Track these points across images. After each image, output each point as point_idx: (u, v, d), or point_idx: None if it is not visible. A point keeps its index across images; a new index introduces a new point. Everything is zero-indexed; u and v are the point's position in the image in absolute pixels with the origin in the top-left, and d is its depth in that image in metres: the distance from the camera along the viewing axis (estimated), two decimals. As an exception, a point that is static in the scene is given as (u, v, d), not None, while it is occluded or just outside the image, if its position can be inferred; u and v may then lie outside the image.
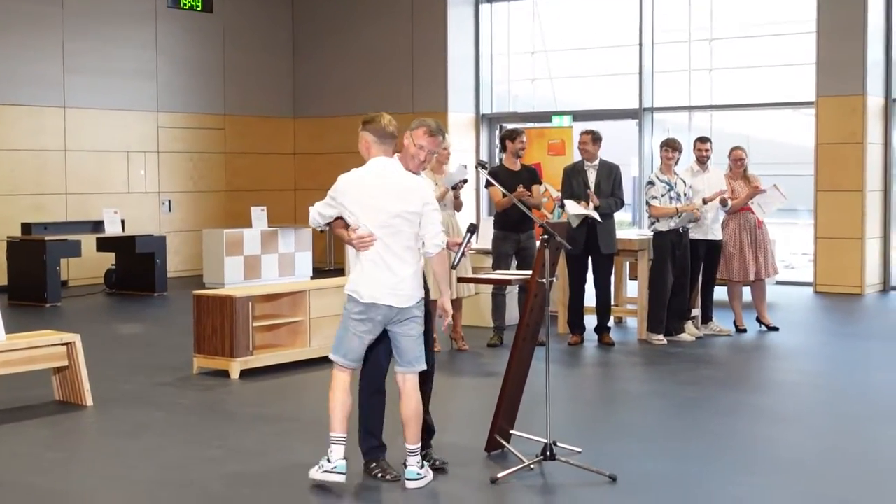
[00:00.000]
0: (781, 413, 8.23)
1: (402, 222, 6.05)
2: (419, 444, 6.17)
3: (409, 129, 6.24)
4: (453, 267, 6.31)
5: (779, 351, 10.94)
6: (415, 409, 6.13)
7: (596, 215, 10.54)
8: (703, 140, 11.56)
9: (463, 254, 6.32)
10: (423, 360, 6.22)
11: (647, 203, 10.97)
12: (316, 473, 6.14)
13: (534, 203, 10.63)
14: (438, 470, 6.36)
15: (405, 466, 6.14)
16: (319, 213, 6.28)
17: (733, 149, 11.76)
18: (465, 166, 10.27)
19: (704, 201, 11.14)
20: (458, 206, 10.29)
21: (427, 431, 6.49)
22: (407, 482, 6.10)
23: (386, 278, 6.07)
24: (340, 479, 6.07)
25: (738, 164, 11.64)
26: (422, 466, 6.15)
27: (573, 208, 10.58)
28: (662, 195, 10.85)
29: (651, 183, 10.99)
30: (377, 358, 6.35)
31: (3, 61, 15.90)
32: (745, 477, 6.39)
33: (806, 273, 16.36)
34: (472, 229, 6.31)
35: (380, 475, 6.25)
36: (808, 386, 9.31)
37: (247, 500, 6.02)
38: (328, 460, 6.11)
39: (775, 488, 6.20)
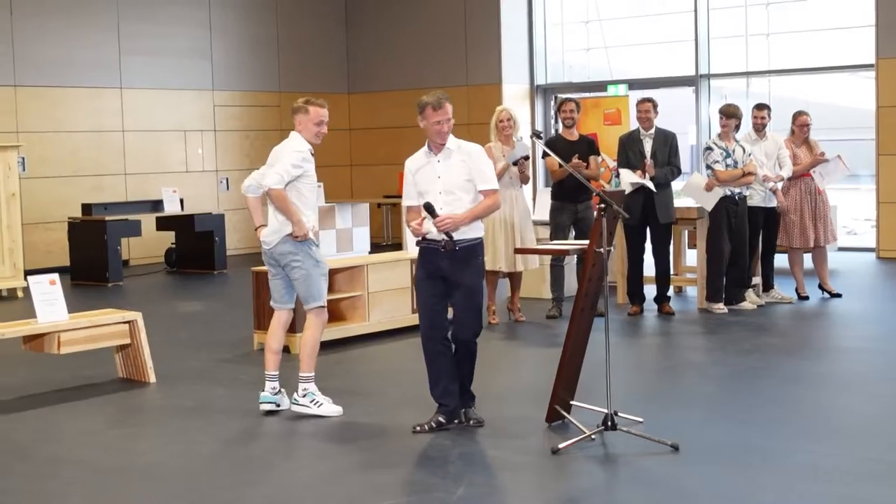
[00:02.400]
0: (845, 380, 8.15)
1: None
2: (309, 374, 7.17)
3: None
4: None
5: (841, 318, 10.82)
6: (304, 340, 7.25)
7: (651, 185, 10.47)
8: (759, 107, 11.41)
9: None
10: (317, 298, 7.26)
11: (710, 168, 10.81)
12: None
13: (591, 174, 10.56)
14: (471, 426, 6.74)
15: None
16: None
17: (798, 114, 11.59)
18: (521, 138, 10.23)
19: (765, 179, 11.04)
20: (524, 179, 10.44)
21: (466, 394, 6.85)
22: (292, 405, 7.18)
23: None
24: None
25: (803, 129, 11.48)
26: (304, 396, 7.12)
27: (628, 177, 10.51)
28: (719, 161, 10.73)
29: (709, 148, 10.86)
30: (438, 318, 6.69)
31: (60, 45, 16.05)
32: (809, 444, 6.33)
33: (868, 239, 16.15)
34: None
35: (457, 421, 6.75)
36: (871, 352, 9.20)
37: (309, 473, 6.06)
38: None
39: (839, 455, 6.13)
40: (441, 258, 6.61)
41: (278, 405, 7.28)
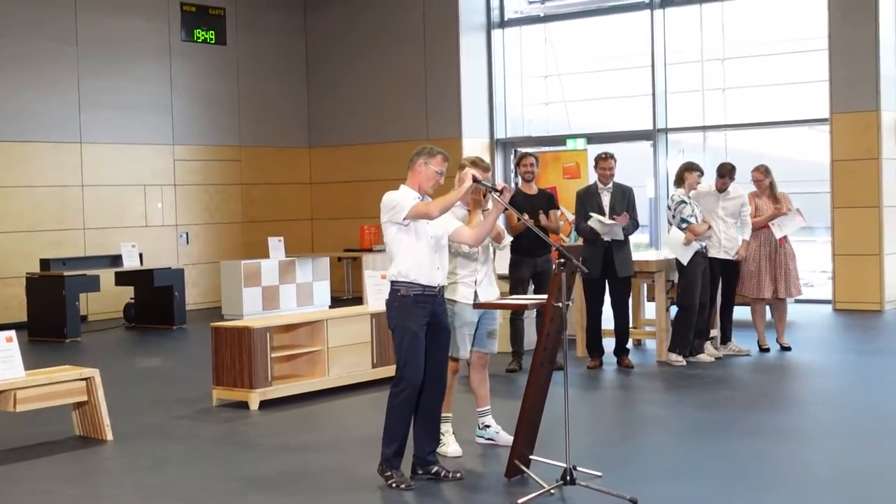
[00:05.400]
0: (802, 432, 8.19)
1: None
2: (482, 408, 7.73)
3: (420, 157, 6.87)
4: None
5: (799, 370, 10.89)
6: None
7: (620, 233, 10.53)
8: (720, 175, 11.39)
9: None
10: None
11: (685, 221, 10.87)
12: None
13: (551, 228, 10.63)
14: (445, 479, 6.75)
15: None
16: None
17: (752, 170, 11.74)
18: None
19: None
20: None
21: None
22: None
23: None
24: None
25: (756, 185, 11.65)
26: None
27: (598, 219, 10.51)
28: (694, 214, 10.85)
29: (683, 202, 10.92)
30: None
31: (21, 99, 16.03)
32: (767, 497, 6.36)
33: (825, 291, 16.29)
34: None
35: (394, 485, 6.65)
36: (828, 405, 9.27)
37: (267, 532, 6.02)
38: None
39: (797, 508, 6.17)
40: (437, 304, 6.76)
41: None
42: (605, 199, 10.75)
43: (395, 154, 18.00)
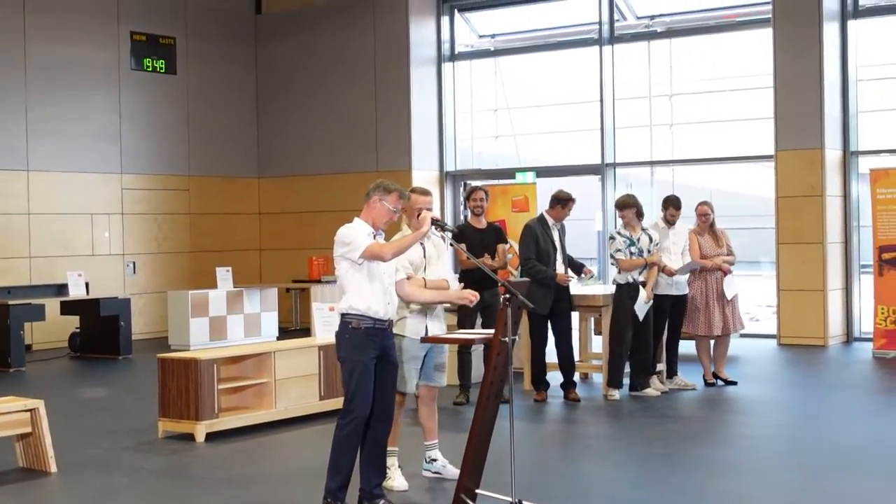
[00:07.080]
0: (746, 467, 8.26)
1: None
2: (430, 441, 7.83)
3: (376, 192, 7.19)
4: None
5: (743, 404, 10.99)
6: None
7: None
8: (676, 207, 11.53)
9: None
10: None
11: (612, 257, 11.05)
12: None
13: (498, 264, 10.70)
14: None
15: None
16: None
17: (699, 204, 11.86)
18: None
19: (671, 273, 11.18)
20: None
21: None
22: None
23: None
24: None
25: (703, 219, 11.75)
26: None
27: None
28: (621, 249, 10.96)
29: (612, 238, 11.10)
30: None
31: (-35, 126, 15.90)
32: (710, 532, 6.41)
33: (770, 325, 16.46)
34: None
35: None
36: (772, 439, 9.36)
37: (212, 566, 5.99)
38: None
39: (740, 543, 6.21)
40: (387, 338, 6.81)
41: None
42: (556, 235, 10.82)
43: (345, 186, 18.07)
